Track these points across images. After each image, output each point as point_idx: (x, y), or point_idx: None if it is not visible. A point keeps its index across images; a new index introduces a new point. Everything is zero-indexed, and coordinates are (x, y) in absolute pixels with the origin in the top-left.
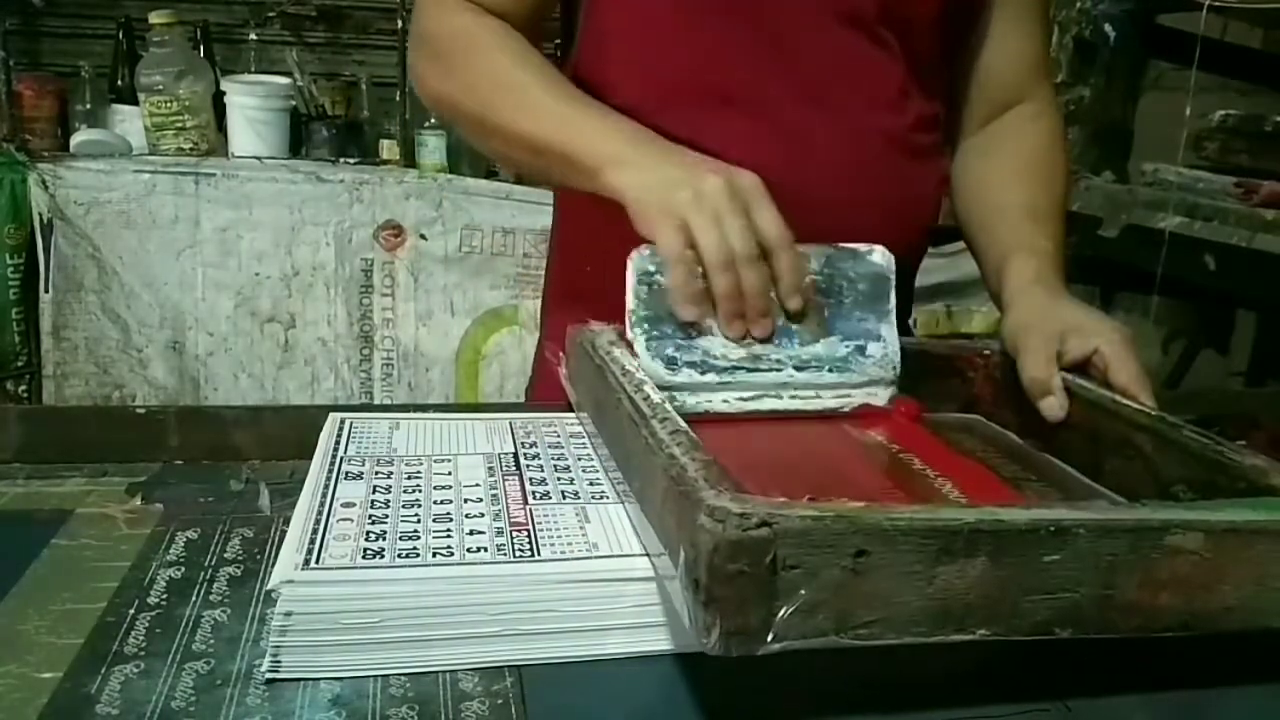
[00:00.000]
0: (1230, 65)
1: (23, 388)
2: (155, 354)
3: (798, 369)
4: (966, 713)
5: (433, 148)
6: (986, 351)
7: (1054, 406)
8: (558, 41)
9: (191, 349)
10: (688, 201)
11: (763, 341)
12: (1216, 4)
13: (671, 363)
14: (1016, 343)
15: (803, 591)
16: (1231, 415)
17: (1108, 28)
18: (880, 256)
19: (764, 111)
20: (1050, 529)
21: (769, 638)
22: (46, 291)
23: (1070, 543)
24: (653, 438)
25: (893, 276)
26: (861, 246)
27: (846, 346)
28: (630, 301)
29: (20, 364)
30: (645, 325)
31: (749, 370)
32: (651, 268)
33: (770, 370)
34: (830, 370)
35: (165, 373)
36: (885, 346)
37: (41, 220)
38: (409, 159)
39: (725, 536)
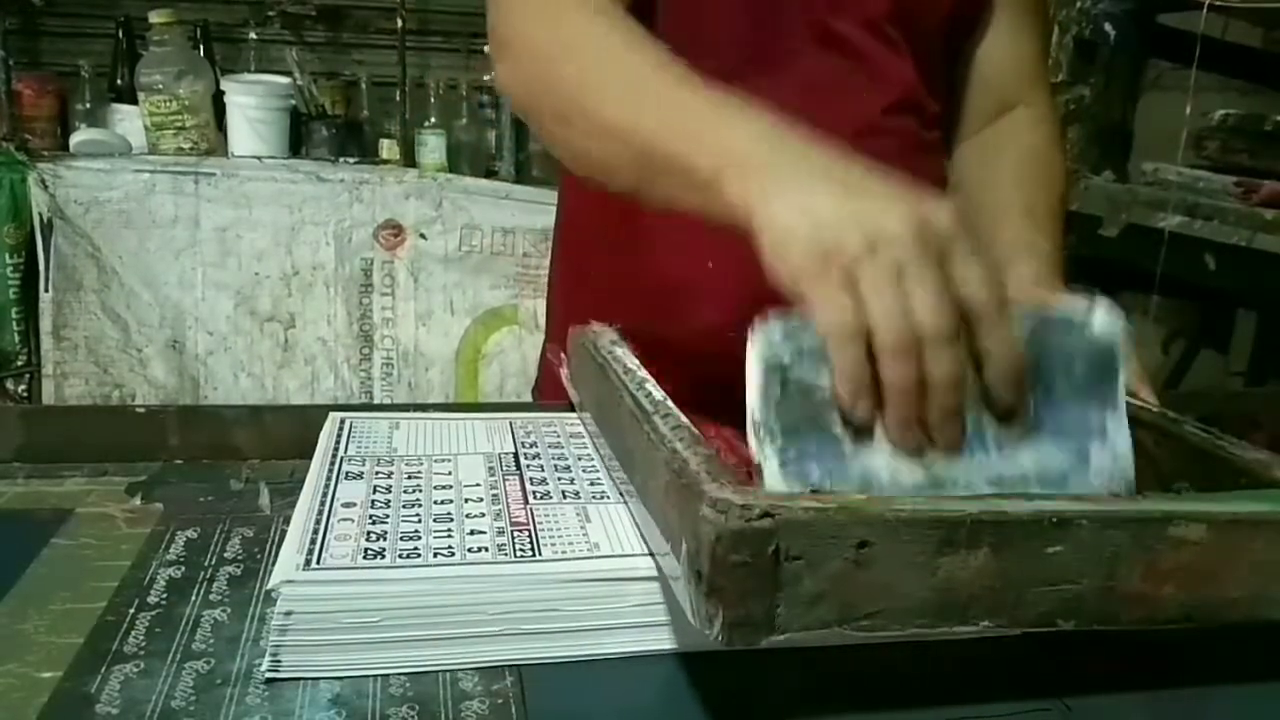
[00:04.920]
0: (1230, 65)
1: (22, 387)
2: (155, 353)
3: (1000, 495)
4: (967, 712)
5: (432, 147)
6: None
7: None
8: None
9: (191, 348)
10: (859, 248)
11: (947, 451)
12: (1217, 3)
13: (818, 492)
14: None
15: (806, 582)
16: (1231, 415)
17: (1108, 27)
18: (1104, 323)
19: (778, 112)
20: (1053, 520)
21: (772, 629)
22: (46, 291)
23: (1073, 534)
24: (655, 433)
25: (1120, 349)
26: (1078, 309)
27: (1064, 453)
28: (755, 402)
29: (20, 363)
30: (779, 439)
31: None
32: (787, 358)
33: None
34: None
35: (165, 372)
36: (1115, 450)
37: (41, 220)
38: (409, 158)
39: (728, 527)
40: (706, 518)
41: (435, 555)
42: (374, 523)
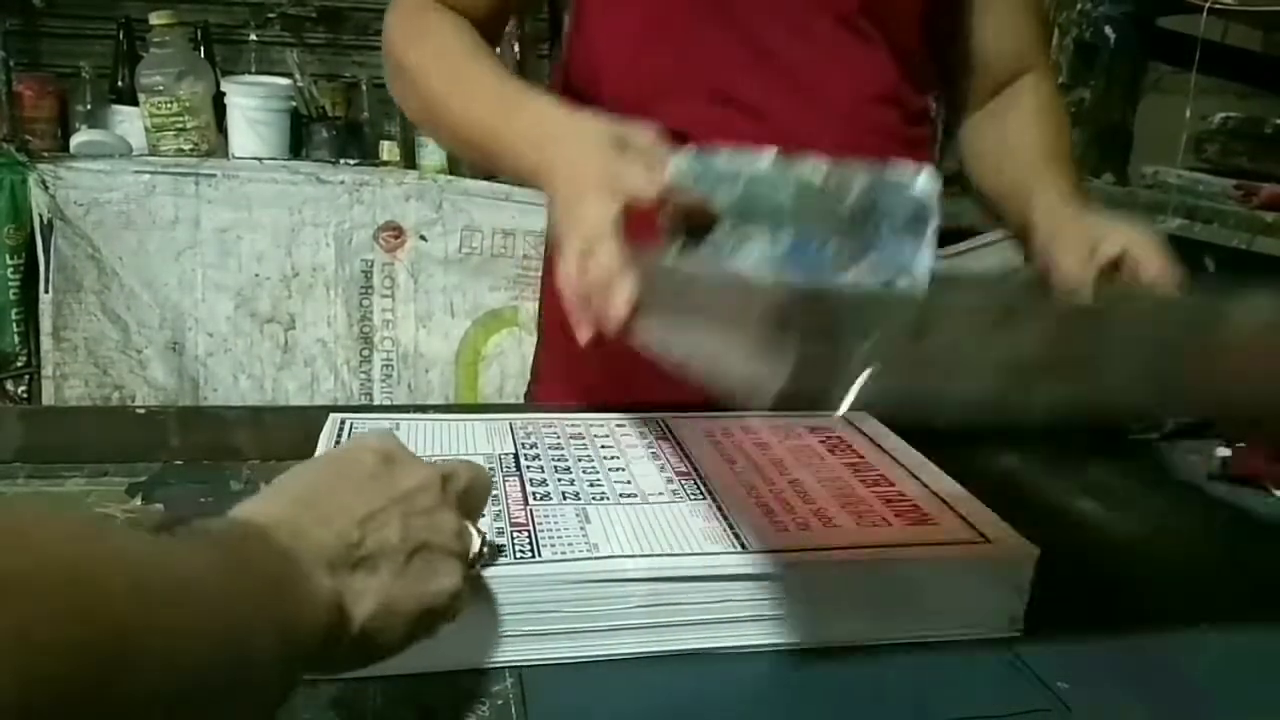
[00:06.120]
0: (1230, 68)
1: (22, 388)
2: (155, 355)
3: None
4: (967, 712)
5: (433, 149)
6: None
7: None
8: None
9: (191, 350)
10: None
11: (792, 255)
12: (1217, 6)
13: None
14: (1050, 250)
15: (873, 343)
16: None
17: (1108, 30)
18: (923, 184)
19: (754, 107)
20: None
21: (845, 379)
22: (46, 292)
23: (1133, 307)
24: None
25: (935, 204)
26: (904, 174)
27: (876, 279)
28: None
29: (20, 364)
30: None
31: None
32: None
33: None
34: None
35: (165, 373)
36: (915, 279)
37: (41, 220)
38: (409, 160)
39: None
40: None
41: None
42: None
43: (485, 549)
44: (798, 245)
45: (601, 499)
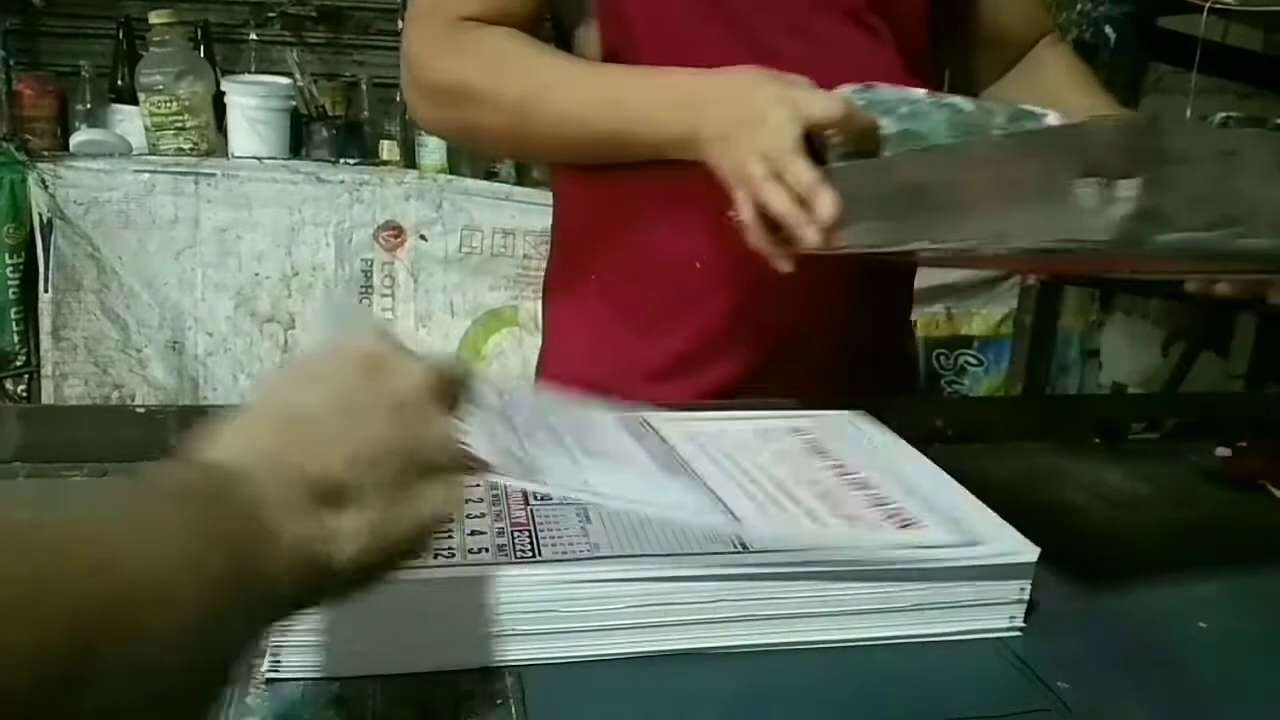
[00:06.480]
0: (1231, 68)
1: (22, 388)
2: (155, 354)
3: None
4: (967, 712)
5: (433, 148)
6: None
7: None
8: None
9: (191, 349)
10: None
11: None
12: (1217, 6)
13: None
14: None
15: (1200, 177)
16: (1231, 417)
17: (1108, 30)
18: (1053, 119)
19: None
20: None
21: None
22: (46, 291)
23: None
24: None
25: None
26: (1038, 109)
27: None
28: None
29: (20, 364)
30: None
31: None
32: None
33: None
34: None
35: (165, 373)
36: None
37: (41, 220)
38: (409, 160)
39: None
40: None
41: (435, 556)
42: None
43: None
44: None
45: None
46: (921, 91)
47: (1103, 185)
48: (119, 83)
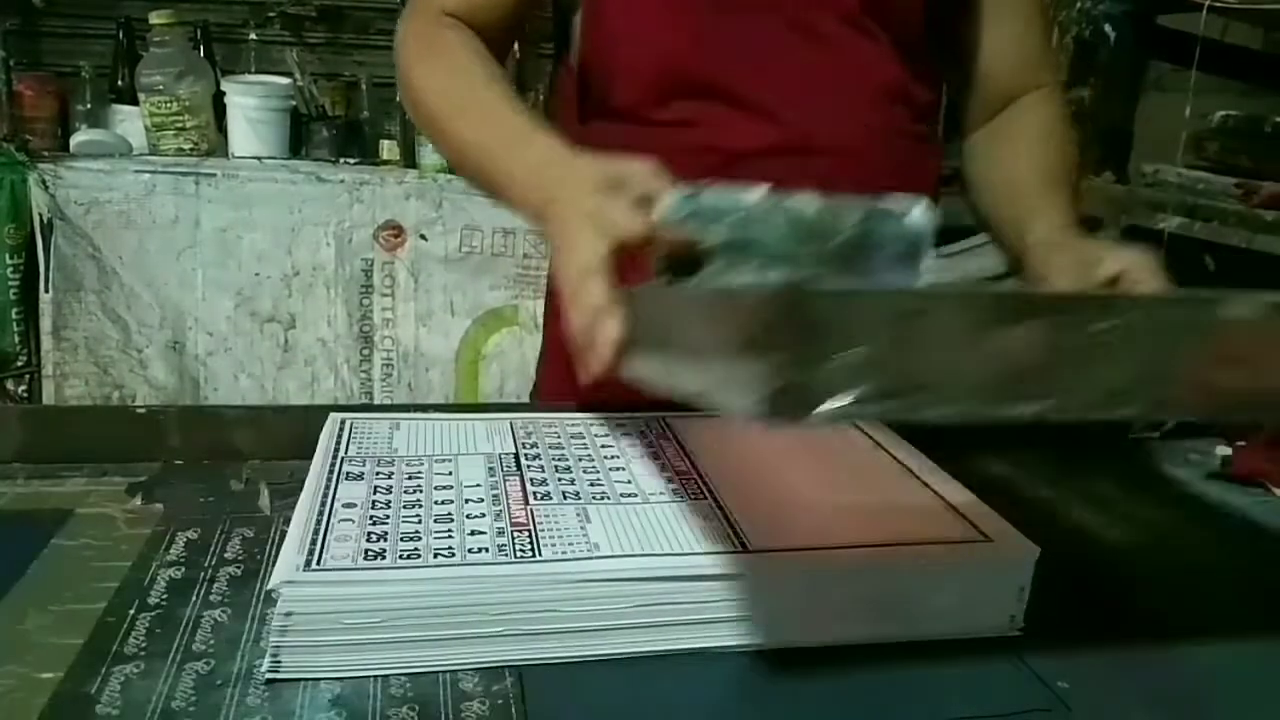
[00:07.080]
0: (1230, 66)
1: (22, 388)
2: (155, 354)
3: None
4: (967, 712)
5: (433, 148)
6: None
7: None
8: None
9: (191, 349)
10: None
11: None
12: (1217, 5)
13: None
14: (1045, 272)
15: (858, 348)
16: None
17: (1108, 28)
18: (918, 217)
19: (762, 106)
20: (1103, 301)
21: (820, 396)
22: (46, 291)
23: (1125, 312)
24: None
25: (930, 236)
26: (899, 206)
27: None
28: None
29: (20, 364)
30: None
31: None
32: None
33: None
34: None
35: (165, 373)
36: None
37: (41, 220)
38: (409, 159)
39: (782, 296)
40: (762, 295)
41: (436, 556)
42: (374, 523)
43: None
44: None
45: (602, 499)
46: (762, 191)
47: (757, 356)
48: (119, 83)
